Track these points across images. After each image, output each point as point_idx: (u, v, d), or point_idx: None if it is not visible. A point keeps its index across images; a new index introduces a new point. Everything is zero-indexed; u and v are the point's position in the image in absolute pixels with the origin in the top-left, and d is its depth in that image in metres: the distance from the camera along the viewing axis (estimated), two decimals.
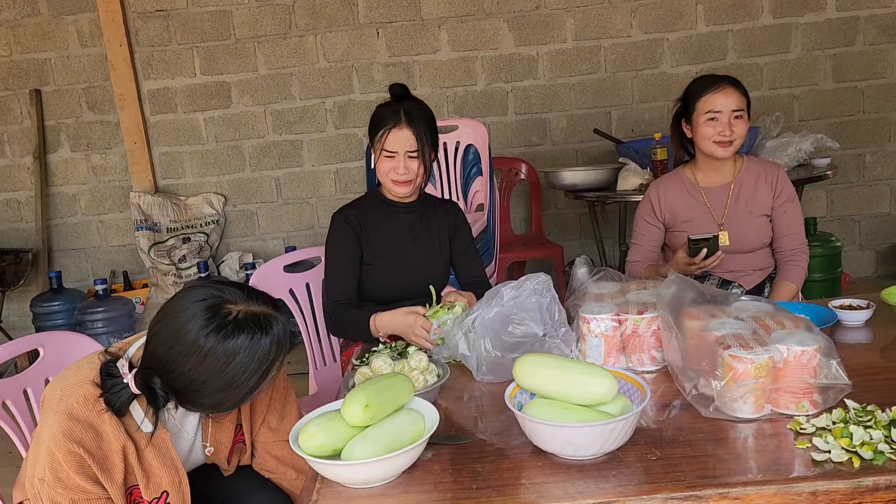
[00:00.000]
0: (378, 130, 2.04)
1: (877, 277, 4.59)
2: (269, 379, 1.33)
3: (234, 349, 1.25)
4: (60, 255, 4.65)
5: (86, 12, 4.38)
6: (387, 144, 2.02)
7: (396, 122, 2.01)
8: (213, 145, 4.55)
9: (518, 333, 1.60)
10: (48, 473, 1.29)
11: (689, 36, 4.37)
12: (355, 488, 1.20)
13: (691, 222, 2.33)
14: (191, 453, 1.53)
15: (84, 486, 1.30)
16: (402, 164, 2.03)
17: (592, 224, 4.07)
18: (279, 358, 1.33)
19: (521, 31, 4.39)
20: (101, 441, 1.31)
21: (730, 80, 2.25)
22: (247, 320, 1.28)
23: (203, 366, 1.25)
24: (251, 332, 1.27)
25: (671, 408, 1.39)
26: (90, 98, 4.49)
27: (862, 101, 4.42)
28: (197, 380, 1.27)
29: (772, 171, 2.31)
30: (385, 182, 2.10)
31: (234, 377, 1.27)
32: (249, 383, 1.29)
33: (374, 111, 2.10)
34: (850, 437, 1.17)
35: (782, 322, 1.41)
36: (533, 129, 4.51)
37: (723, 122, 2.20)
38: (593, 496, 1.10)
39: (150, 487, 1.38)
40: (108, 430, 1.31)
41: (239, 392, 1.30)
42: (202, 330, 1.25)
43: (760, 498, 1.08)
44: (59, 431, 1.28)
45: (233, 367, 1.26)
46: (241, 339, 1.26)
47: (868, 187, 4.53)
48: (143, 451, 1.37)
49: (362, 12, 4.38)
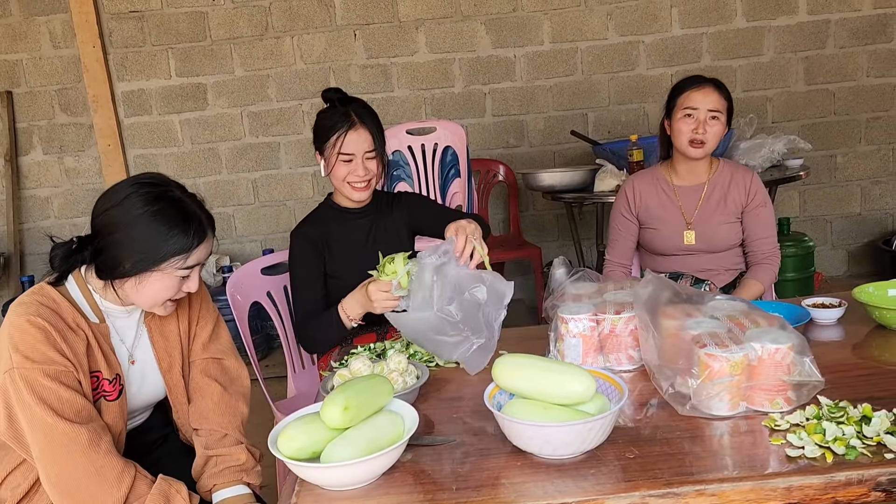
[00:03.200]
0: (331, 136, 1.99)
1: (848, 276, 4.67)
2: (185, 257, 1.42)
3: (156, 207, 1.39)
4: (33, 259, 4.58)
5: (58, 13, 4.32)
6: (344, 148, 1.98)
7: (350, 124, 1.98)
8: (188, 147, 4.51)
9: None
10: (14, 356, 1.31)
11: (664, 38, 4.42)
12: (335, 490, 1.20)
13: (661, 219, 2.36)
14: (144, 380, 1.57)
15: (52, 356, 1.33)
16: (361, 165, 2.00)
17: (570, 225, 4.10)
18: (198, 240, 1.42)
19: (498, 33, 4.40)
20: (58, 314, 1.38)
21: (713, 82, 2.28)
22: (177, 196, 1.43)
23: (127, 216, 1.38)
24: (177, 203, 1.41)
25: (648, 406, 1.40)
26: (63, 100, 4.43)
27: (833, 103, 4.49)
28: (120, 223, 1.39)
29: (746, 175, 2.35)
30: (342, 188, 2.06)
31: (153, 233, 1.38)
32: (165, 245, 1.39)
33: (319, 118, 2.05)
34: (823, 433, 1.19)
35: (757, 320, 1.43)
36: (511, 131, 4.53)
37: (697, 119, 2.23)
38: (572, 495, 1.11)
39: (111, 366, 1.44)
40: (62, 304, 1.40)
41: (152, 252, 1.39)
42: (134, 188, 1.41)
43: (736, 494, 1.10)
44: (14, 318, 1.34)
45: (154, 223, 1.38)
46: (166, 203, 1.40)
47: (840, 188, 4.61)
48: (97, 333, 1.44)
49: (339, 14, 4.37)
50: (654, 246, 2.40)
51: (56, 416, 1.30)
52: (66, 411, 1.32)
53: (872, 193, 4.62)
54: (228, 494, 1.49)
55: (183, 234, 1.40)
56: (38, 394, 1.30)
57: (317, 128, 2.06)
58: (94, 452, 1.32)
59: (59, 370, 1.33)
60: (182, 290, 1.48)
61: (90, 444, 1.31)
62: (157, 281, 1.43)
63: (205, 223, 1.45)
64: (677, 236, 2.35)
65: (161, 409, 1.71)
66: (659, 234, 2.37)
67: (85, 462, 1.31)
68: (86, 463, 1.31)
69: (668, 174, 2.39)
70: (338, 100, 2.05)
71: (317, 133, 2.06)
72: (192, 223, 1.42)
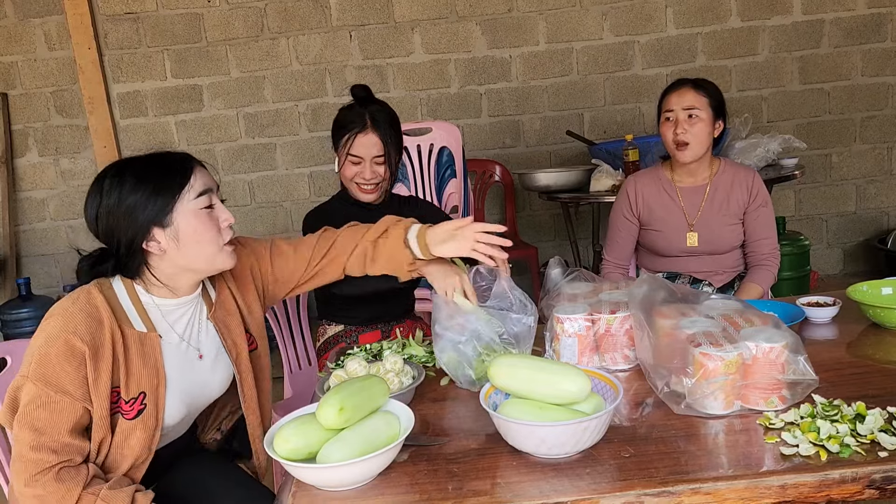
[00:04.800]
0: (343, 135, 2.01)
1: (844, 275, 4.68)
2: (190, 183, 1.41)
3: (132, 173, 1.40)
4: (29, 261, 4.57)
5: (53, 15, 4.31)
6: (353, 150, 2.00)
7: (363, 126, 1.99)
8: (184, 149, 4.49)
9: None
10: (36, 369, 1.29)
11: (660, 38, 4.42)
12: (331, 491, 1.20)
13: (664, 221, 2.35)
14: (214, 373, 1.54)
15: (69, 388, 1.29)
16: (369, 169, 2.01)
17: (566, 225, 4.11)
18: (189, 166, 1.44)
19: (493, 33, 4.41)
20: (96, 324, 1.33)
21: (692, 82, 2.28)
22: (141, 156, 1.45)
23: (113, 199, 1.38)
24: (146, 158, 1.45)
25: (644, 406, 1.40)
26: (58, 102, 4.42)
27: (828, 103, 4.50)
28: (114, 211, 1.37)
29: (748, 174, 2.34)
30: (349, 187, 2.08)
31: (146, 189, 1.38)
32: (165, 188, 1.39)
33: (339, 114, 2.06)
34: (817, 432, 1.20)
35: (751, 319, 1.44)
36: (506, 132, 4.54)
37: (675, 119, 2.23)
38: (568, 494, 1.11)
39: (130, 386, 1.37)
40: (101, 308, 1.35)
41: (158, 202, 1.38)
42: (102, 180, 1.41)
43: (731, 492, 1.10)
44: (57, 330, 1.31)
45: (141, 183, 1.38)
46: (137, 164, 1.43)
47: (835, 187, 4.62)
48: (130, 347, 1.37)
49: (335, 15, 4.37)
50: (656, 247, 2.39)
51: (33, 448, 1.27)
52: (48, 442, 1.28)
53: (867, 192, 4.63)
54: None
55: (172, 171, 1.41)
56: (30, 415, 1.29)
57: (335, 123, 2.07)
58: (38, 482, 1.27)
59: (65, 403, 1.29)
60: (223, 226, 1.46)
61: (41, 474, 1.27)
62: (188, 226, 1.39)
63: (184, 155, 1.47)
64: (679, 238, 2.34)
65: None
66: (661, 236, 2.36)
67: (28, 491, 1.28)
68: (28, 492, 1.28)
69: (670, 174, 2.38)
70: (361, 99, 2.05)
71: (334, 128, 2.07)
72: (171, 160, 1.44)
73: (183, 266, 1.43)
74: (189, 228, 1.40)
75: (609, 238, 2.46)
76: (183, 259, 1.42)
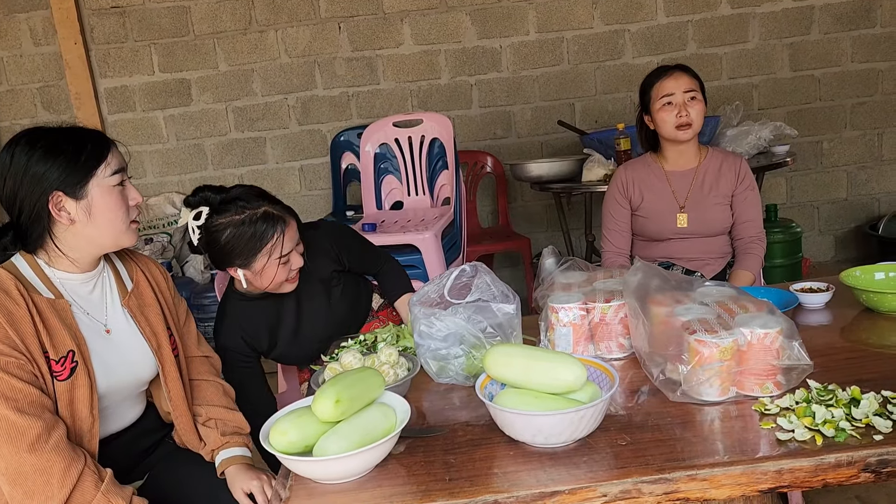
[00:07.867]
0: (266, 243, 1.79)
1: (836, 262, 4.70)
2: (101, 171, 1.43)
3: (39, 144, 1.41)
4: None
5: (38, 10, 4.26)
6: (284, 248, 1.81)
7: (283, 222, 1.83)
8: (173, 144, 4.48)
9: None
10: None
11: (650, 27, 4.42)
12: (328, 484, 1.20)
13: (654, 203, 2.38)
14: (127, 353, 1.54)
15: (1, 348, 1.30)
16: (296, 256, 1.86)
17: (559, 215, 4.10)
18: (104, 141, 1.46)
19: (483, 23, 4.39)
20: (3, 294, 1.34)
21: (680, 67, 2.33)
22: (52, 128, 1.45)
23: (19, 167, 1.39)
24: (55, 131, 1.44)
25: (639, 393, 1.40)
26: (45, 98, 4.38)
27: (818, 89, 4.51)
28: (18, 181, 1.39)
29: (735, 160, 2.39)
30: (277, 290, 1.89)
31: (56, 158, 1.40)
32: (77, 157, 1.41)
33: (240, 236, 1.79)
34: (812, 416, 1.20)
35: (745, 306, 1.44)
36: (498, 122, 4.52)
37: (677, 103, 2.27)
38: (565, 483, 1.11)
39: (57, 346, 1.38)
40: (5, 279, 1.36)
41: (70, 170, 1.40)
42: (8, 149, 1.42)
43: (727, 478, 1.10)
44: None
45: (49, 152, 1.40)
46: (47, 135, 1.44)
47: (826, 174, 4.64)
48: (44, 311, 1.38)
49: (323, 6, 4.34)
50: (647, 230, 2.41)
51: (8, 407, 1.27)
52: (21, 402, 1.29)
53: (858, 179, 4.64)
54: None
55: (88, 145, 1.43)
56: None
57: (243, 248, 1.78)
58: (39, 449, 1.29)
59: (10, 361, 1.29)
60: (130, 204, 1.49)
61: (38, 440, 1.28)
62: (101, 201, 1.43)
63: (100, 133, 1.49)
64: (670, 219, 2.36)
65: (156, 411, 1.68)
66: (652, 219, 2.38)
67: (32, 459, 1.28)
68: (33, 460, 1.28)
69: (659, 161, 2.42)
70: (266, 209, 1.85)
71: (244, 250, 1.79)
72: (87, 134, 1.45)
73: (89, 239, 1.46)
74: (102, 203, 1.44)
75: (605, 227, 2.47)
76: (91, 232, 1.44)
